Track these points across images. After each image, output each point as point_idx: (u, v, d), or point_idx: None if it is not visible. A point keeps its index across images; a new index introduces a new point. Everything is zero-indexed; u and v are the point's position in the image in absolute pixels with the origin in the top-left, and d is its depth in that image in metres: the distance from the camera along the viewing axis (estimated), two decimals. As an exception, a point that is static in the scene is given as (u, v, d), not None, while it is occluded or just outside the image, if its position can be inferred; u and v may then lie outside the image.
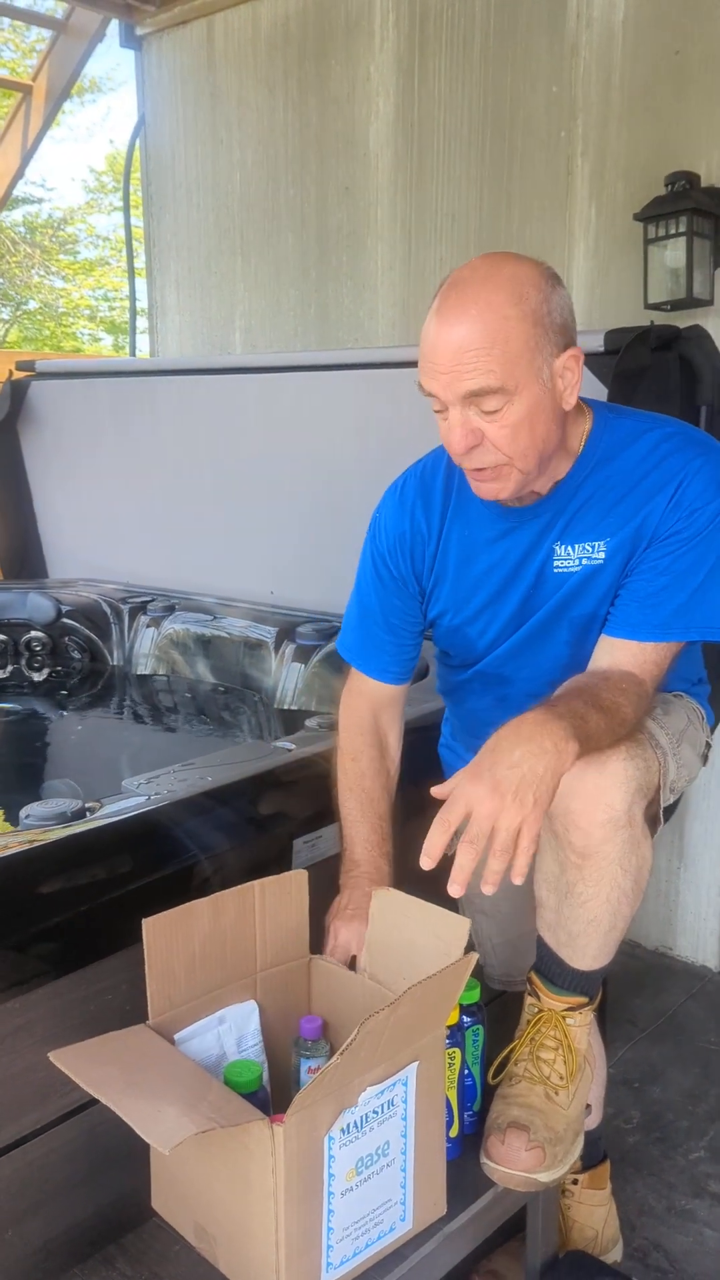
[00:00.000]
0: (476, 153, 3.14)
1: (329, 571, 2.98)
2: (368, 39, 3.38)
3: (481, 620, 1.64)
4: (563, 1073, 1.51)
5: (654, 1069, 2.48)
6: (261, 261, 3.81)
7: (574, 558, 1.53)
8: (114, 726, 2.99)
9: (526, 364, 1.37)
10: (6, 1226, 1.30)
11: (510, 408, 1.38)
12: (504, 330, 1.35)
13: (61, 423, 3.59)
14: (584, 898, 1.42)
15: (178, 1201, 1.33)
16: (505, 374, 1.35)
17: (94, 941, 1.38)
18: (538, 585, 1.57)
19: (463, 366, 1.35)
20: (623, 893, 1.41)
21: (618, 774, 1.35)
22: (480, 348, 1.34)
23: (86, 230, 17.80)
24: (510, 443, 1.40)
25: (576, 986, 1.50)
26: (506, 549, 1.58)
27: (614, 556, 1.51)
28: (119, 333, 17.95)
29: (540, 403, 1.40)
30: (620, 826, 1.37)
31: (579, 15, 2.87)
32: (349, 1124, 1.21)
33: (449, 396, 1.38)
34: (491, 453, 1.41)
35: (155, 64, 4.09)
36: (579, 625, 1.56)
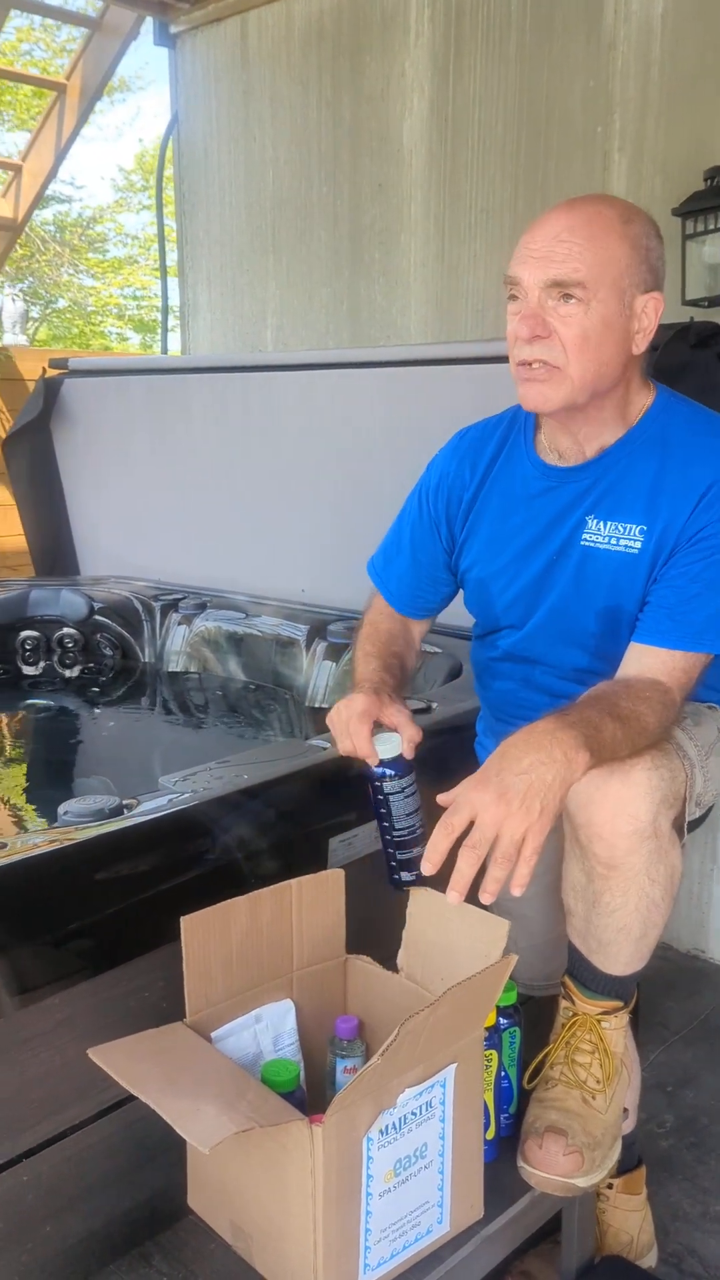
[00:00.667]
0: (511, 149, 3.13)
1: (360, 569, 2.96)
2: (403, 35, 3.37)
3: (504, 576, 1.63)
4: (599, 1076, 1.50)
5: (687, 1072, 2.46)
6: (294, 259, 3.81)
7: (604, 535, 1.52)
8: (146, 724, 3.00)
9: (614, 278, 1.39)
10: (45, 1221, 1.31)
11: (586, 311, 1.39)
12: (605, 237, 1.38)
13: (94, 420, 3.60)
14: (612, 907, 1.41)
15: (214, 1200, 1.33)
16: (592, 273, 1.37)
17: (132, 938, 1.38)
18: (562, 552, 1.56)
19: (555, 252, 1.37)
20: (652, 902, 1.40)
21: (641, 784, 1.33)
22: (578, 241, 1.37)
23: (115, 229, 17.90)
24: (575, 346, 1.40)
25: (610, 991, 1.49)
26: (541, 507, 1.59)
27: (647, 546, 1.49)
28: (147, 331, 18.03)
29: (613, 323, 1.41)
30: (645, 837, 1.34)
31: (616, 10, 2.85)
32: (387, 1125, 1.21)
33: (532, 279, 1.40)
34: (553, 349, 1.41)
35: (189, 61, 4.10)
36: (606, 617, 1.54)
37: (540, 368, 1.43)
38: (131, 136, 24.97)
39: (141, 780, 2.38)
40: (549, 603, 1.59)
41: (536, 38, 3.03)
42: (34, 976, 1.28)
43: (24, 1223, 1.29)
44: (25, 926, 1.28)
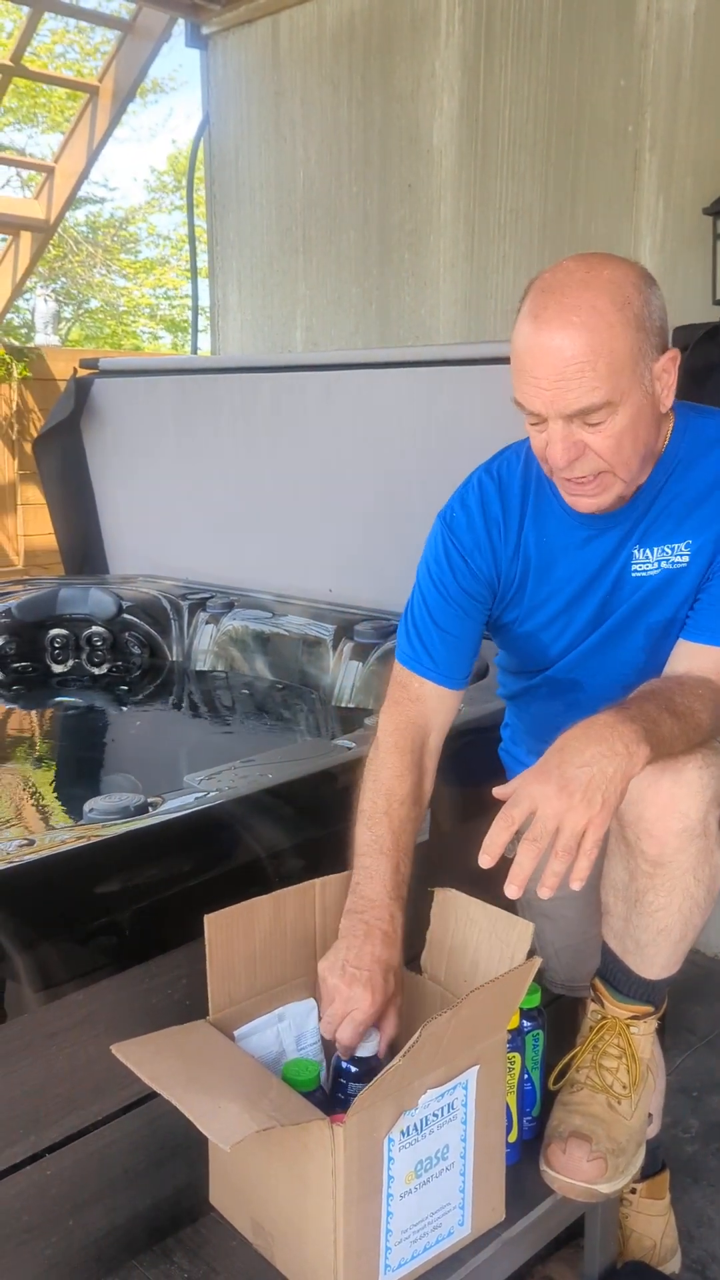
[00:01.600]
0: (542, 148, 3.12)
1: (388, 569, 2.97)
2: (433, 35, 3.36)
3: (555, 626, 1.59)
4: (625, 1082, 1.49)
5: (714, 1077, 2.44)
6: (323, 259, 3.82)
7: (653, 561, 1.50)
8: (173, 722, 3.01)
9: (630, 373, 1.32)
10: (68, 1216, 1.31)
11: (615, 419, 1.33)
12: (609, 340, 1.29)
13: (124, 420, 3.62)
14: (654, 907, 1.39)
15: (235, 1197, 1.34)
16: (611, 388, 1.31)
17: (155, 935, 1.39)
18: (614, 590, 1.53)
19: (567, 382, 1.30)
20: (695, 903, 1.39)
21: (693, 783, 1.32)
22: (586, 361, 1.29)
23: (148, 230, 18.00)
24: (614, 453, 1.36)
25: (642, 995, 1.48)
26: (586, 557, 1.53)
27: (696, 559, 1.47)
28: (178, 331, 18.11)
29: (642, 410, 1.36)
30: (695, 836, 1.33)
31: (649, 8, 2.83)
32: (409, 1126, 1.21)
33: (552, 412, 1.33)
34: (594, 462, 1.37)
35: (220, 63, 4.12)
36: (656, 631, 1.52)
37: (588, 481, 1.40)
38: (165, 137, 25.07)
39: (167, 778, 2.40)
40: (602, 636, 1.57)
41: (568, 36, 3.02)
42: (58, 973, 1.29)
43: (48, 1217, 1.30)
44: (50, 923, 1.29)
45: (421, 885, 1.51)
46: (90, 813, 1.52)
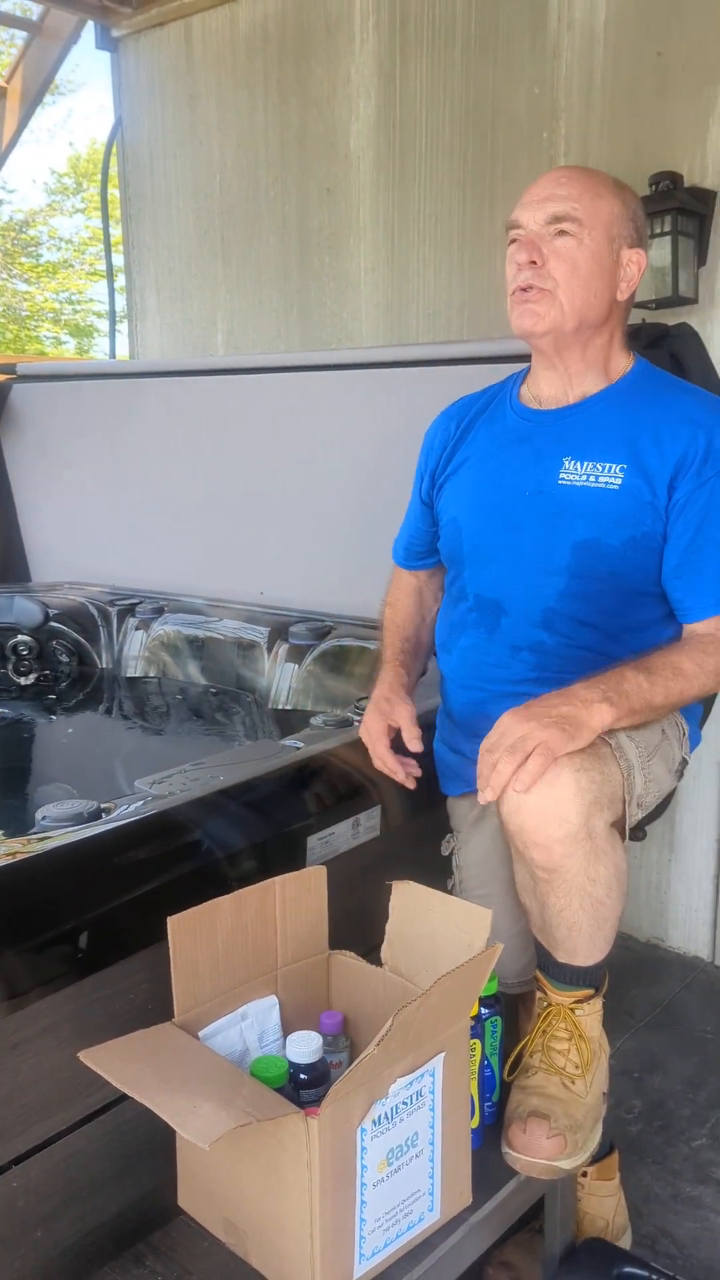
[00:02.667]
0: (459, 154, 3.16)
1: (319, 571, 2.99)
2: (348, 41, 3.39)
3: (477, 515, 1.71)
4: (577, 1062, 1.53)
5: (653, 1058, 2.51)
6: (243, 263, 3.81)
7: (582, 474, 1.60)
8: (105, 730, 2.98)
9: (605, 222, 1.57)
10: (35, 1227, 1.30)
11: (579, 245, 1.56)
12: (599, 188, 1.59)
13: (44, 425, 3.57)
14: (558, 908, 1.44)
15: (206, 1198, 1.34)
16: (586, 213, 1.56)
17: (115, 941, 1.38)
18: (538, 491, 1.63)
19: (555, 194, 1.57)
20: (596, 901, 1.43)
21: (569, 787, 1.36)
22: (575, 186, 1.57)
23: (49, 233, 17.71)
24: (568, 275, 1.56)
25: (579, 980, 1.52)
26: (519, 451, 1.68)
27: (629, 485, 1.56)
28: (83, 336, 17.85)
29: (602, 262, 1.58)
30: (579, 840, 1.38)
31: (560, 17, 2.90)
32: (380, 1115, 1.22)
33: (532, 218, 1.57)
34: (545, 278, 1.57)
35: (132, 66, 4.09)
36: (582, 550, 1.59)
37: (533, 292, 1.58)
38: (63, 139, 24.68)
39: (105, 786, 2.37)
40: (522, 539, 1.64)
41: (481, 44, 3.07)
42: (20, 982, 1.27)
43: (15, 1229, 1.28)
44: (12, 932, 1.27)
45: (375, 880, 1.53)
46: (43, 820, 1.51)
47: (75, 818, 1.49)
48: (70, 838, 1.42)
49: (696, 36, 2.65)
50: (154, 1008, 1.38)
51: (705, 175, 2.66)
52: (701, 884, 2.90)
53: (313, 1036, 1.35)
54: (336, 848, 1.68)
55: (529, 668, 1.63)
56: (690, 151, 2.68)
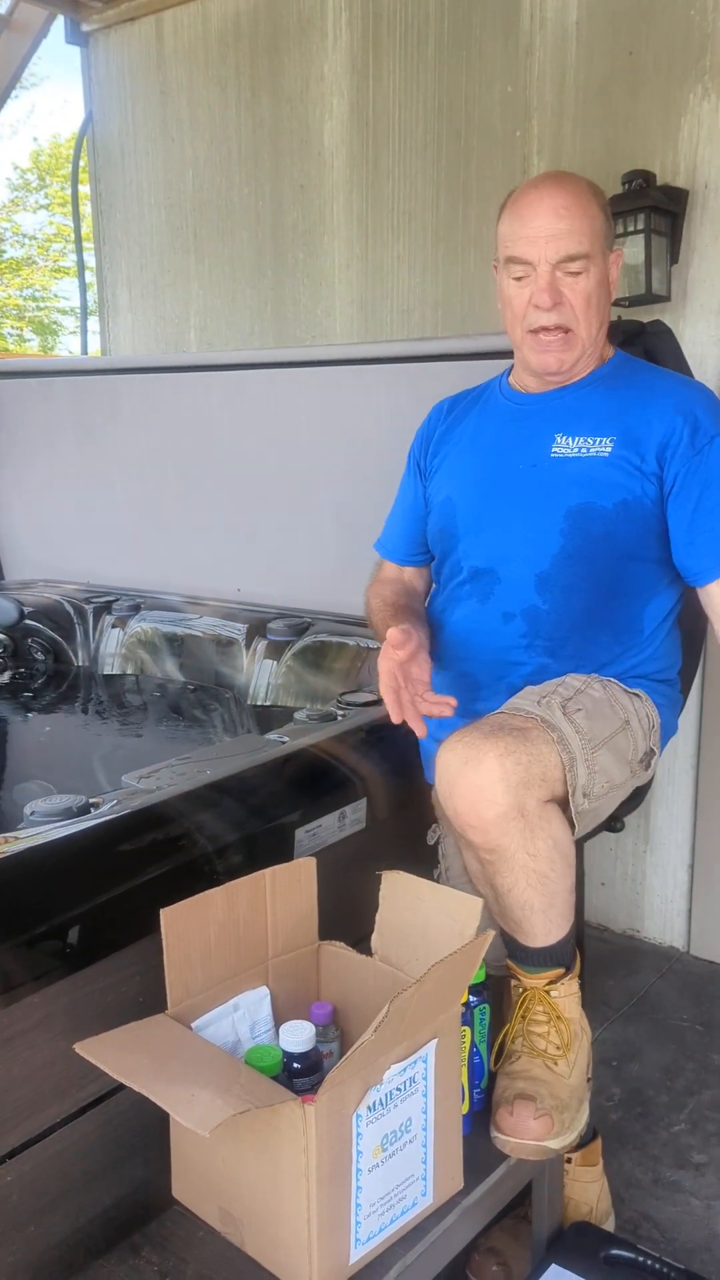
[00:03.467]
0: (433, 151, 3.18)
1: (296, 567, 2.99)
2: (320, 38, 3.40)
3: (471, 491, 1.76)
4: (558, 1043, 1.55)
5: (631, 1047, 2.54)
6: (216, 259, 3.81)
7: (574, 446, 1.67)
8: (82, 728, 2.96)
9: (601, 242, 1.63)
10: (29, 1221, 1.30)
11: (589, 276, 1.62)
12: (591, 207, 1.63)
13: (16, 422, 3.55)
14: (506, 888, 1.47)
15: (201, 1188, 1.34)
16: (590, 244, 1.61)
17: (107, 934, 1.38)
18: (532, 465, 1.69)
19: (560, 230, 1.59)
20: (541, 876, 1.46)
21: (493, 771, 1.40)
22: (576, 219, 1.60)
23: (12, 229, 17.55)
24: (584, 309, 1.63)
25: (545, 961, 1.54)
26: (512, 431, 1.75)
27: (620, 455, 1.63)
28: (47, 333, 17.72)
29: (603, 280, 1.65)
30: (511, 819, 1.42)
31: (532, 16, 2.92)
32: (375, 1101, 1.24)
33: (543, 258, 1.61)
34: (566, 314, 1.63)
35: (103, 61, 4.07)
36: (576, 514, 1.65)
37: (555, 333, 1.64)
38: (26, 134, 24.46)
39: (84, 783, 2.37)
40: (516, 507, 1.70)
41: (454, 43, 3.09)
42: (12, 976, 1.27)
43: (9, 1224, 1.28)
44: (4, 926, 1.27)
45: (362, 872, 1.55)
46: (31, 815, 1.50)
47: (64, 813, 1.49)
48: (61, 832, 1.42)
49: (667, 37, 2.68)
50: (146, 1000, 1.38)
51: (677, 173, 2.70)
52: (677, 875, 2.94)
53: (305, 1026, 1.36)
54: (324, 840, 1.69)
55: (519, 634, 1.67)
56: (662, 150, 2.72)
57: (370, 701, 2.01)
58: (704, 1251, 1.93)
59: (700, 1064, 2.47)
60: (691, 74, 2.66)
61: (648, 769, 1.73)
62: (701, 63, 2.64)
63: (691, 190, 2.68)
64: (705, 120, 2.65)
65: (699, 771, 2.85)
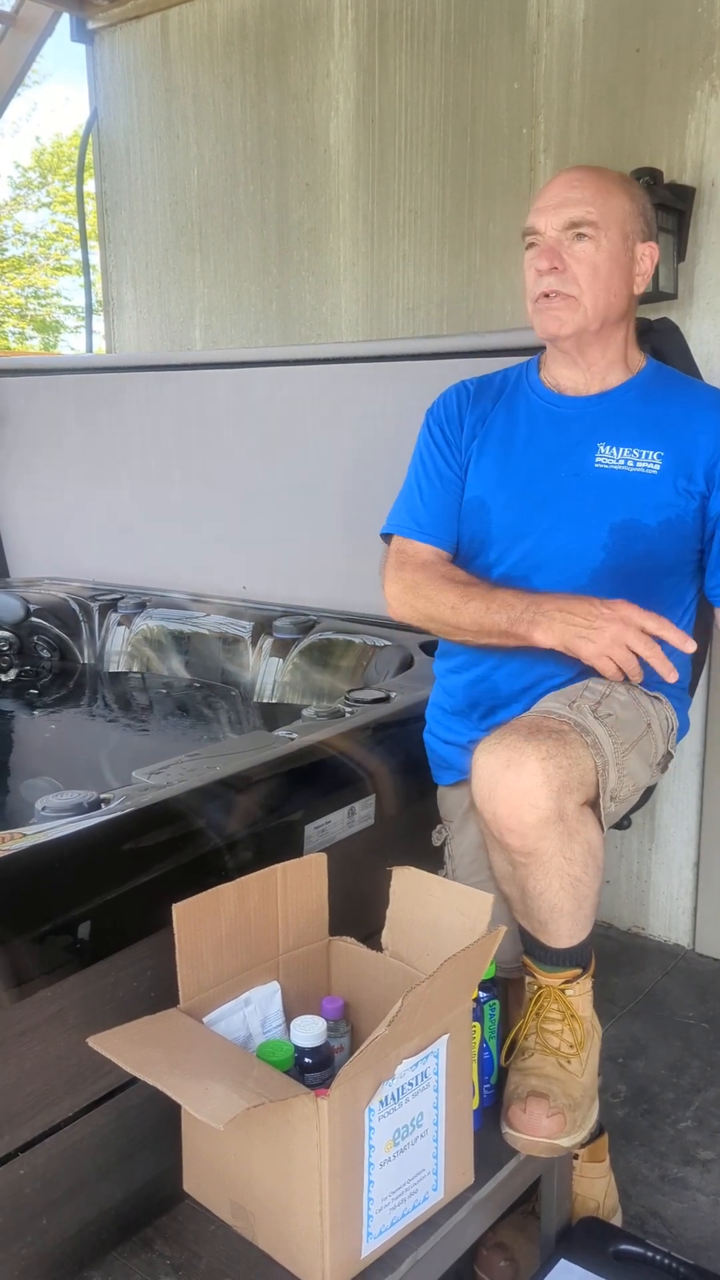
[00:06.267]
0: (439, 149, 3.18)
1: (301, 565, 3.00)
2: (327, 36, 3.40)
3: (505, 494, 1.71)
4: (571, 1041, 1.55)
5: (637, 1044, 2.54)
6: (221, 257, 3.81)
7: (619, 457, 1.65)
8: (88, 725, 2.97)
9: (618, 222, 1.62)
10: (42, 1214, 1.31)
11: (597, 248, 1.60)
12: (610, 190, 1.63)
13: (22, 420, 3.56)
14: (537, 891, 1.47)
15: (213, 1182, 1.35)
16: (601, 215, 1.60)
17: (119, 929, 1.38)
18: (575, 474, 1.66)
19: (569, 198, 1.61)
20: (574, 880, 1.46)
21: (536, 775, 1.39)
22: (588, 189, 1.61)
23: (14, 227, 17.57)
24: (589, 279, 1.61)
25: (565, 961, 1.55)
26: (549, 433, 1.71)
27: (668, 470, 1.62)
28: (49, 331, 17.73)
29: (619, 260, 1.63)
30: (551, 823, 1.41)
31: (539, 14, 2.92)
32: (387, 1096, 1.24)
33: (549, 224, 1.61)
34: (568, 283, 1.61)
35: (108, 59, 4.07)
36: (620, 530, 1.63)
37: (557, 298, 1.62)
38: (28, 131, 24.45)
39: (91, 780, 2.38)
40: (559, 518, 1.67)
41: (460, 40, 3.09)
42: (26, 970, 1.28)
43: (23, 1217, 1.29)
44: (18, 920, 1.28)
45: (370, 868, 1.55)
46: (43, 810, 1.51)
47: (75, 808, 1.49)
48: (73, 827, 1.42)
49: (674, 34, 2.68)
50: (157, 995, 1.39)
51: (684, 171, 2.70)
52: (682, 872, 2.94)
53: (317, 1021, 1.36)
54: (333, 836, 1.70)
55: None
56: (669, 147, 2.72)
57: (377, 699, 2.02)
58: (711, 1247, 1.93)
59: (706, 1061, 2.47)
60: (698, 71, 2.66)
61: (664, 770, 1.73)
62: (708, 60, 2.64)
63: (699, 187, 2.68)
64: (712, 118, 2.65)
65: (705, 769, 2.85)
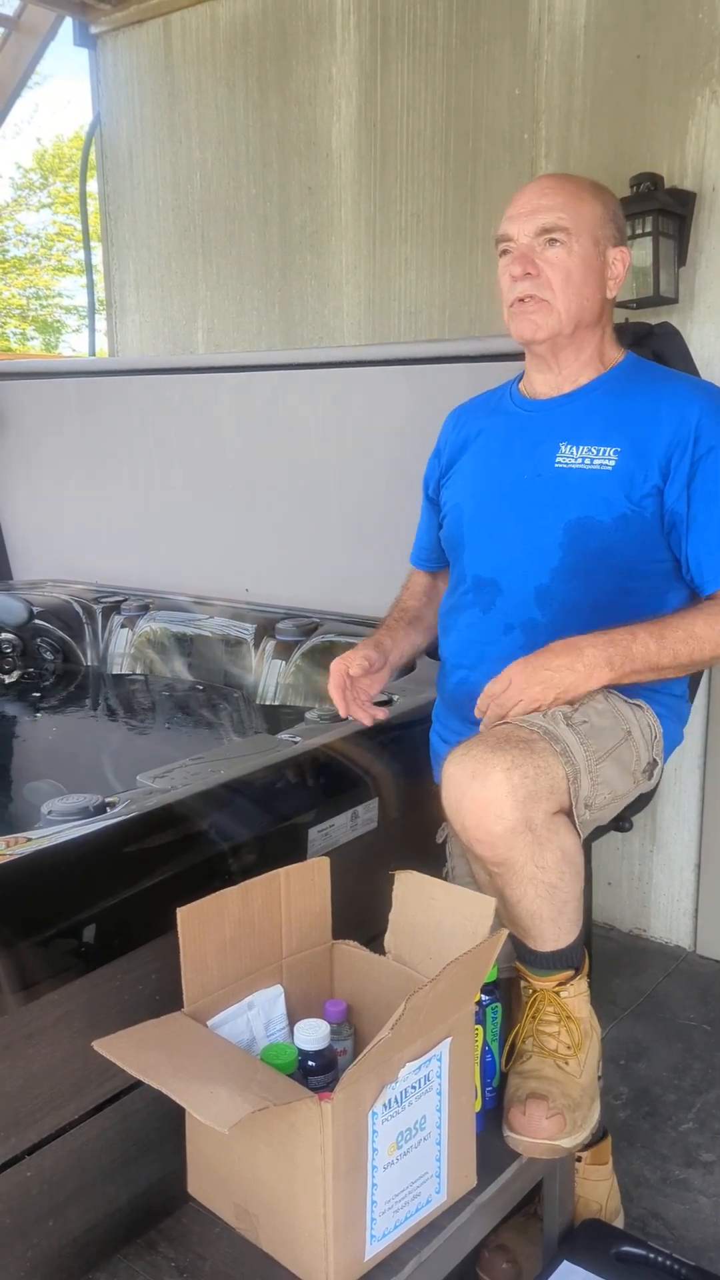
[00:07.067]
0: (440, 153, 3.19)
1: (304, 568, 3.01)
2: (329, 40, 3.41)
3: (475, 498, 1.78)
4: (569, 1043, 1.56)
5: (638, 1046, 2.55)
6: (224, 261, 3.82)
7: (578, 456, 1.67)
8: (91, 727, 2.98)
9: (590, 228, 1.65)
10: (48, 1216, 1.32)
11: (569, 252, 1.63)
12: (580, 194, 1.66)
13: (25, 422, 3.56)
14: (515, 899, 1.48)
15: (217, 1184, 1.36)
16: (572, 221, 1.63)
17: (124, 932, 1.39)
18: (536, 474, 1.70)
19: (540, 205, 1.64)
20: (550, 886, 1.46)
21: (500, 785, 1.40)
22: (559, 196, 1.65)
23: (15, 229, 17.58)
24: (562, 284, 1.64)
25: (555, 964, 1.55)
26: (518, 439, 1.76)
27: (624, 468, 1.63)
28: (50, 332, 17.74)
29: (591, 265, 1.66)
30: (519, 833, 1.41)
31: (540, 20, 2.93)
32: (390, 1099, 1.25)
33: (522, 231, 1.65)
34: (542, 287, 1.65)
35: (111, 63, 4.08)
36: (575, 528, 1.65)
37: (531, 302, 1.66)
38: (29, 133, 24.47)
39: (94, 783, 2.38)
40: (518, 519, 1.71)
41: (462, 45, 3.10)
42: (33, 973, 1.29)
43: (29, 1218, 1.30)
44: (25, 924, 1.29)
45: (374, 871, 1.56)
46: (48, 814, 1.52)
47: (81, 812, 1.50)
48: (78, 831, 1.43)
49: (674, 40, 2.69)
50: (162, 998, 1.40)
51: (685, 176, 2.71)
52: (683, 875, 2.95)
53: (321, 1024, 1.37)
54: (336, 839, 1.70)
55: (518, 647, 1.67)
56: (670, 153, 2.73)
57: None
58: (713, 1249, 1.94)
59: (707, 1063, 2.48)
60: (699, 77, 2.67)
61: (651, 778, 1.73)
62: (709, 66, 2.65)
63: (699, 193, 2.69)
64: (713, 123, 2.66)
65: (706, 771, 2.86)
